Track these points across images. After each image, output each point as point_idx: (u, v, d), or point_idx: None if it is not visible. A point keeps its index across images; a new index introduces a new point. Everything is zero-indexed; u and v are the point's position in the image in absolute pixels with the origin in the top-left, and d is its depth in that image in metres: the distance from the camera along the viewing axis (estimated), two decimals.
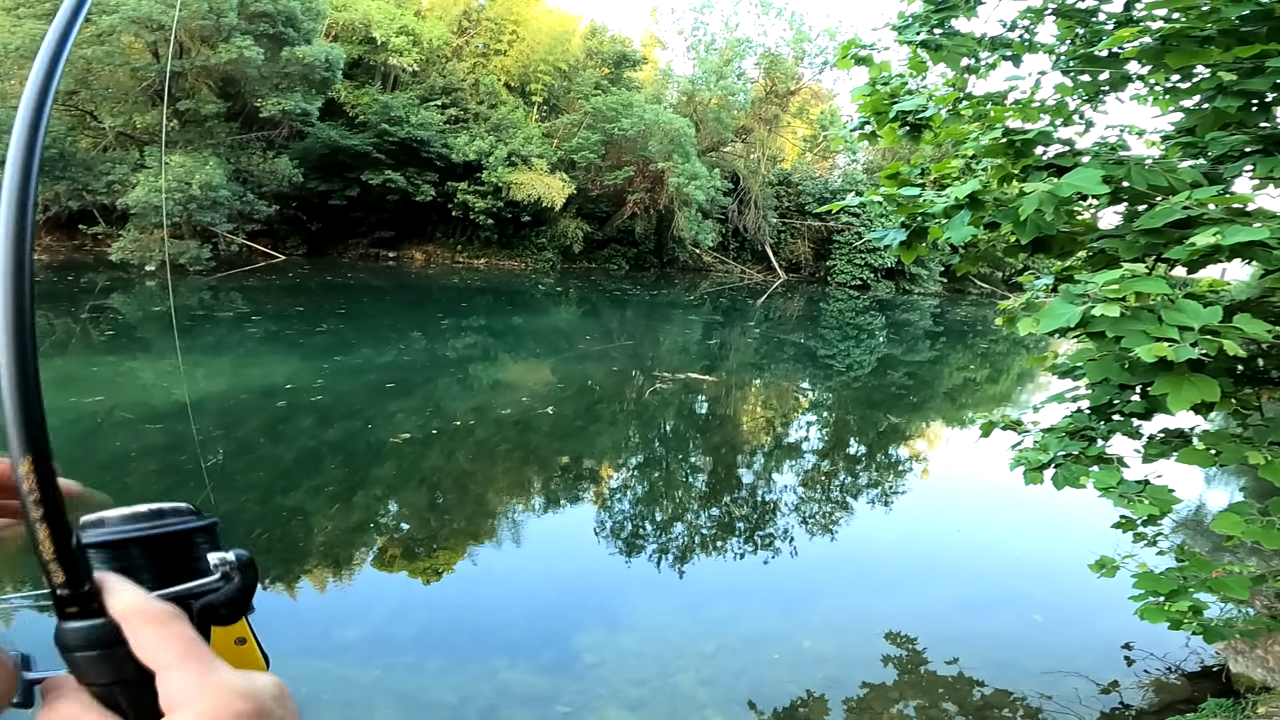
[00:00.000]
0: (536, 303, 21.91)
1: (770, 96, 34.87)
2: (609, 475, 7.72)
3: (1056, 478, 2.97)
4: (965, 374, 16.94)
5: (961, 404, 13.60)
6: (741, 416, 10.91)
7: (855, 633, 4.60)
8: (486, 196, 26.89)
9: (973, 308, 33.32)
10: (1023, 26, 4.43)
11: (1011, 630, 4.79)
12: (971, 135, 3.71)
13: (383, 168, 25.46)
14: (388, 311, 17.46)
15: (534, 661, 4.05)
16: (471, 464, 7.62)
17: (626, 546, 5.87)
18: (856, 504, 7.47)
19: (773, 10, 34.46)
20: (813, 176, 38.06)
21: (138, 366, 10.24)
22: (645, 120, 28.19)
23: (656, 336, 18.26)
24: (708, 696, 3.81)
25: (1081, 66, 3.96)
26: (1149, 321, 2.17)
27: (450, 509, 6.36)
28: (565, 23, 33.77)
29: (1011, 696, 3.92)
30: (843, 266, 35.05)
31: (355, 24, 26.94)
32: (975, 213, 3.04)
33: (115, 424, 7.65)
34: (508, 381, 11.82)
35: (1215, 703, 3.36)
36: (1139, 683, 4.06)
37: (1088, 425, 3.32)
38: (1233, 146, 3.11)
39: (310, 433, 7.94)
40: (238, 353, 11.37)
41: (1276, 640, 3.34)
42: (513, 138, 27.69)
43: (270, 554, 5.15)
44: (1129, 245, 2.86)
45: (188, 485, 6.16)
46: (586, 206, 30.90)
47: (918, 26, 3.77)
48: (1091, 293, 2.22)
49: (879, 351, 18.76)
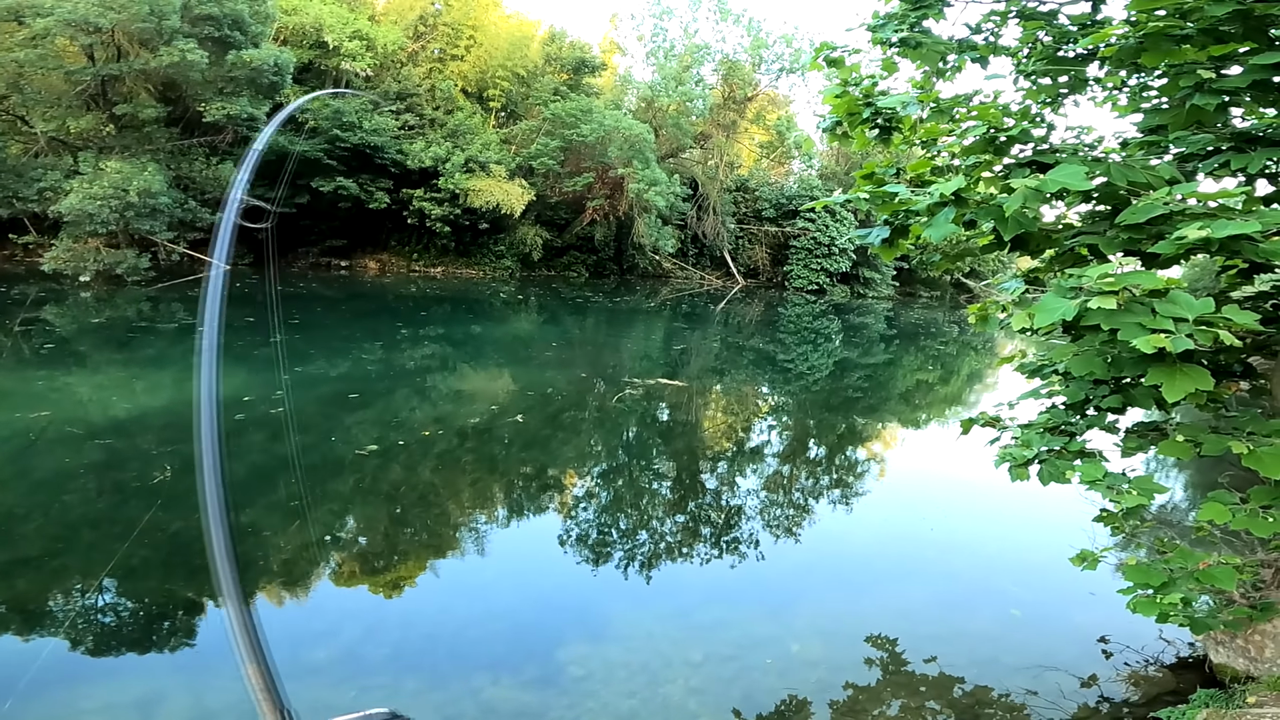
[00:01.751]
0: (496, 311, 21.60)
1: (728, 102, 35.23)
2: (582, 483, 7.59)
3: (1042, 473, 2.98)
4: (919, 375, 17.32)
5: (918, 404, 13.87)
6: (711, 421, 10.89)
7: (842, 635, 4.56)
8: (443, 204, 26.44)
9: (924, 311, 34.23)
10: (988, 30, 4.52)
11: (990, 627, 4.83)
12: (948, 135, 3.74)
13: (334, 174, 24.80)
14: (343, 322, 16.97)
15: (518, 677, 3.90)
16: (440, 476, 7.39)
17: (606, 555, 5.74)
18: (831, 505, 7.50)
19: (731, 17, 34.90)
20: (769, 182, 38.61)
21: (74, 381, 9.67)
22: (605, 126, 28.15)
23: (618, 343, 18.17)
24: (699, 705, 3.72)
25: (1046, 68, 4.04)
26: (1143, 314, 2.18)
27: (420, 523, 6.14)
28: (524, 28, 33.55)
29: (995, 693, 3.93)
30: (799, 271, 35.59)
31: (306, 28, 26.22)
32: (959, 210, 3.05)
33: (52, 441, 7.19)
34: (472, 391, 11.57)
35: (1205, 693, 3.41)
36: (1119, 675, 4.11)
37: (1065, 421, 3.37)
38: (1201, 145, 3.19)
39: (267, 447, 7.59)
40: (183, 365, 10.85)
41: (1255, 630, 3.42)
42: (470, 144, 27.32)
43: None
44: (1109, 241, 2.90)
45: (130, 502, 5.81)
46: (545, 214, 30.67)
47: (895, 25, 3.80)
48: (1086, 286, 2.22)
49: (837, 355, 19.04)
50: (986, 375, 17.30)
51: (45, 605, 4.40)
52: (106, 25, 17.15)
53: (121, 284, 18.12)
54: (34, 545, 5.07)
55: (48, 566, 4.81)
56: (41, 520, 5.49)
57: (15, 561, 4.82)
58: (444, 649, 4.25)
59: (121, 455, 6.81)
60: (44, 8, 17.00)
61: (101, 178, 17.67)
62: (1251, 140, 2.87)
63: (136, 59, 18.61)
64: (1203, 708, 3.20)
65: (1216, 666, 3.79)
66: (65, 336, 12.77)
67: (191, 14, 18.26)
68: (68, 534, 5.31)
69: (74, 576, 4.77)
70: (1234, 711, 3.16)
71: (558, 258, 32.38)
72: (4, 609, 4.33)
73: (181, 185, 20.44)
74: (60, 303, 15.82)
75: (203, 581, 4.82)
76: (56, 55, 18.38)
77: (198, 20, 18.44)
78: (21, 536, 5.18)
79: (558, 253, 32.27)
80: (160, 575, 4.87)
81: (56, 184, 18.44)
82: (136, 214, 17.84)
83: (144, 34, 17.85)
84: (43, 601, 4.44)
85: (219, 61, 19.23)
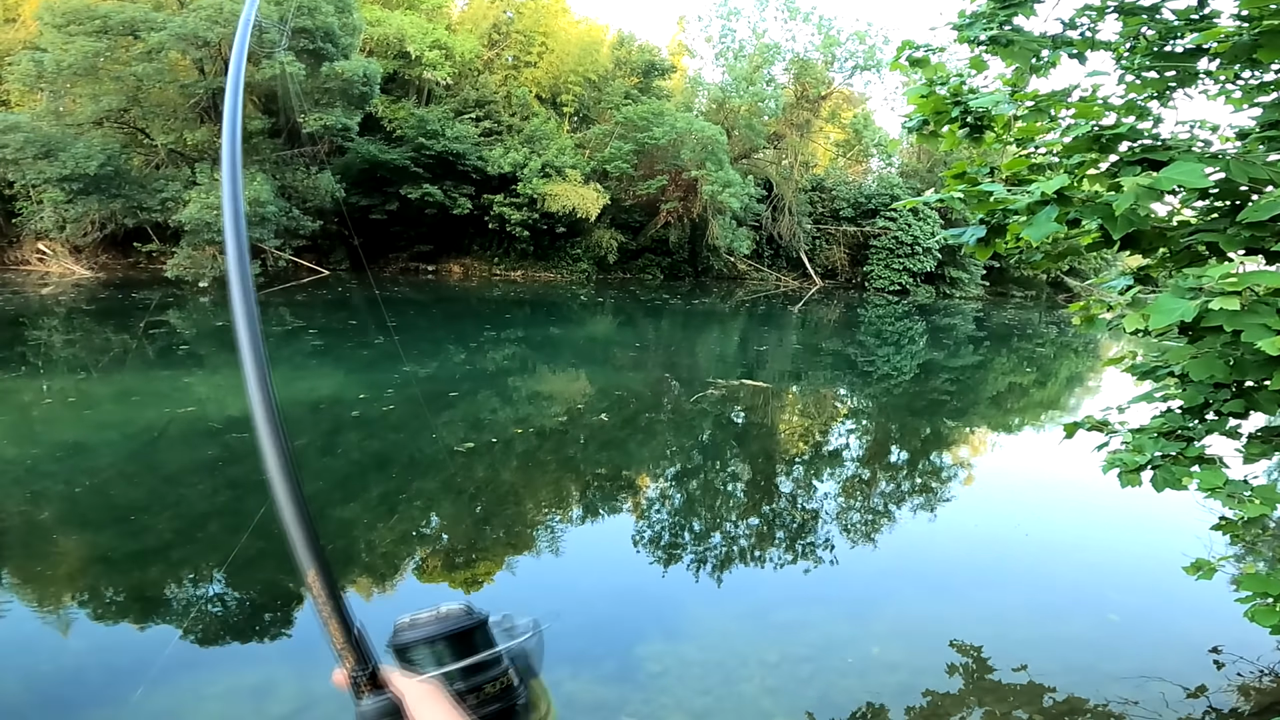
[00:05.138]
0: (575, 314, 22.03)
1: (801, 102, 34.67)
2: (660, 482, 7.69)
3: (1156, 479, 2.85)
4: (1012, 378, 16.54)
5: (1010, 408, 13.27)
6: (789, 424, 10.79)
7: (925, 638, 4.47)
8: (522, 208, 27.18)
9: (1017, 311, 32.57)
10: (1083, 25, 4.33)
11: (1086, 634, 4.61)
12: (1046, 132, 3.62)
13: (420, 181, 25.91)
14: (435, 324, 17.73)
15: (596, 671, 4.02)
16: (529, 473, 7.65)
17: (682, 553, 5.82)
18: (914, 509, 7.31)
19: (800, 15, 34.33)
20: (846, 181, 37.70)
21: (194, 380, 10.53)
22: (676, 129, 28.25)
23: (695, 346, 18.20)
24: (774, 705, 3.73)
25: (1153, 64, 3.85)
26: (1268, 314, 2.07)
27: (508, 517, 6.39)
28: (593, 33, 34.10)
29: (1091, 703, 3.76)
30: (880, 272, 34.58)
31: (390, 39, 27.50)
32: (1062, 209, 2.96)
33: (174, 438, 7.87)
34: (556, 391, 11.89)
35: None
36: (1229, 686, 3.86)
37: (1181, 425, 3.20)
38: None
39: (381, 441, 8.05)
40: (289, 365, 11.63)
41: None
42: (546, 149, 27.97)
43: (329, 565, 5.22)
44: (1230, 239, 2.75)
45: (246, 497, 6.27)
46: (620, 217, 31.03)
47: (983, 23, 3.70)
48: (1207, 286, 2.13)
49: (921, 357, 18.43)
50: (1088, 378, 16.37)
51: (171, 594, 4.77)
52: (214, 39, 18.46)
53: None
54: (161, 537, 5.47)
55: (173, 557, 5.22)
56: (167, 514, 5.91)
57: (144, 551, 5.23)
58: None
59: (237, 451, 7.36)
60: (157, 22, 18.46)
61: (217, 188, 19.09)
62: None
63: None
64: None
65: None
66: (186, 339, 13.92)
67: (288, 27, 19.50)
68: (190, 527, 5.72)
69: (196, 567, 5.14)
70: None
71: (633, 260, 32.70)
72: (136, 598, 4.69)
73: (286, 195, 21.85)
74: (181, 307, 17.22)
75: None
76: (171, 69, 19.77)
77: (294, 33, 19.65)
78: (149, 528, 5.58)
79: (633, 255, 32.58)
80: (273, 567, 5.24)
81: (177, 194, 19.99)
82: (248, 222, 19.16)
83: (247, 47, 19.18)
84: (169, 590, 4.81)
85: (314, 73, 20.41)
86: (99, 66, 18.69)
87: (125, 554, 5.19)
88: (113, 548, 5.28)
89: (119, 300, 17.85)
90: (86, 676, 3.91)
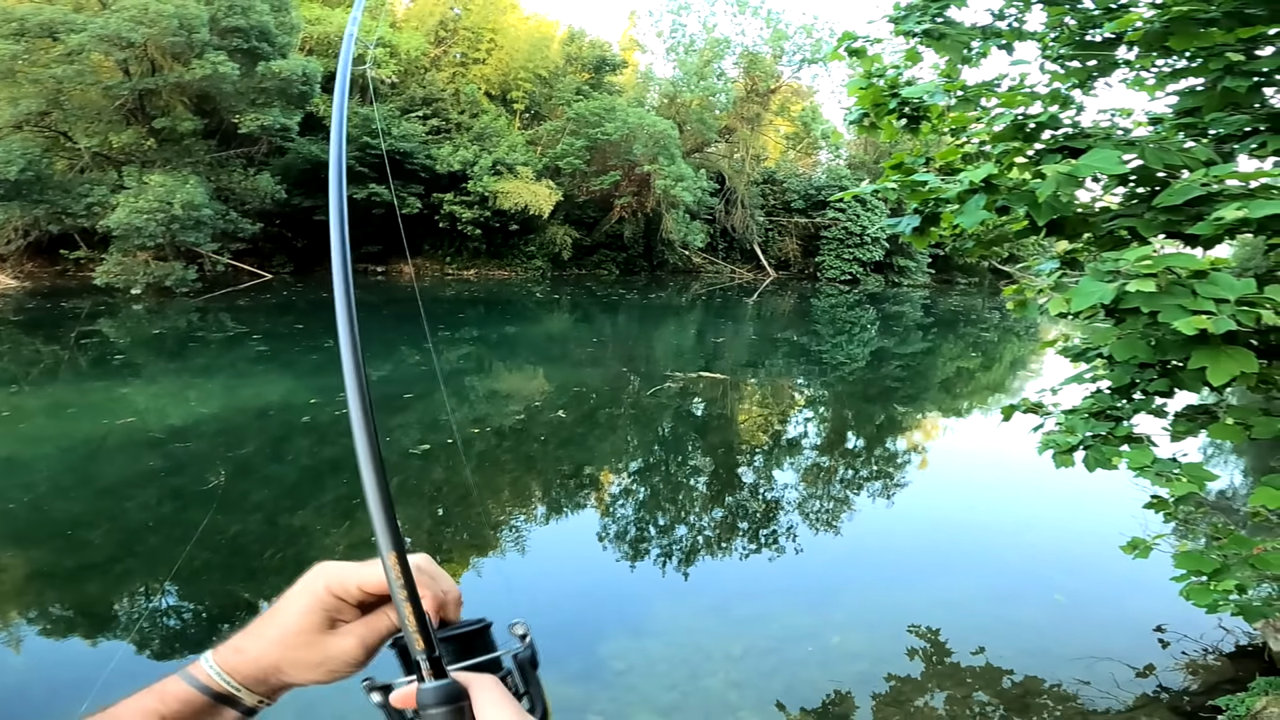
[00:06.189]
0: (530, 311, 21.84)
1: (751, 95, 35.00)
2: (620, 478, 7.69)
3: (1088, 459, 2.96)
4: (959, 363, 17.03)
5: (959, 393, 13.67)
6: (747, 415, 10.90)
7: (883, 625, 4.56)
8: (473, 207, 26.80)
9: (962, 297, 33.57)
10: (1011, 15, 4.46)
11: (1036, 617, 4.77)
12: (976, 122, 3.72)
13: (366, 181, 25.31)
14: (388, 325, 17.34)
15: (561, 671, 4.00)
16: (488, 474, 7.55)
17: (644, 550, 5.83)
18: (871, 497, 7.47)
19: (749, 9, 34.63)
20: (797, 174, 38.23)
21: (130, 391, 10.10)
22: (629, 124, 28.21)
23: (653, 340, 18.24)
24: (740, 698, 3.77)
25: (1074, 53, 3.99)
26: (1183, 295, 2.16)
27: (468, 519, 6.30)
28: (543, 29, 33.78)
29: (1047, 684, 3.88)
30: (832, 262, 35.20)
31: (330, 37, 26.77)
32: (990, 197, 3.04)
33: (112, 449, 7.54)
34: (513, 389, 11.76)
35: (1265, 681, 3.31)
36: (1176, 665, 4.02)
37: (1111, 405, 3.32)
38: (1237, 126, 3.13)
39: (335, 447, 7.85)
40: (231, 373, 11.24)
41: None
42: (496, 146, 27.63)
43: (281, 574, 5.08)
44: (1148, 223, 2.87)
45: (189, 508, 6.07)
46: (574, 213, 30.87)
47: (917, 16, 3.78)
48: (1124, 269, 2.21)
49: (873, 344, 18.83)
50: (1030, 361, 16.95)
51: (117, 608, 4.62)
52: (139, 40, 17.69)
53: (171, 296, 18.80)
54: (101, 550, 5.31)
55: (116, 570, 5.06)
56: (107, 526, 5.75)
57: (85, 566, 5.06)
58: None
59: (179, 462, 7.11)
60: (77, 24, 17.62)
61: (146, 191, 18.32)
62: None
63: (170, 72, 19.22)
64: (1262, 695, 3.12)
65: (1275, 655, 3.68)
66: (121, 348, 13.32)
67: (219, 26, 18.78)
68: (132, 539, 5.56)
69: (141, 579, 5.00)
70: None
71: (588, 256, 32.57)
72: (81, 613, 4.55)
73: (222, 197, 21.08)
74: (114, 315, 16.48)
75: (261, 581, 5.03)
76: (93, 71, 18.89)
77: (226, 32, 18.94)
78: (89, 542, 5.42)
79: (588, 251, 32.45)
80: (221, 577, 5.09)
81: (104, 199, 19.11)
82: (181, 226, 18.45)
83: (175, 47, 18.42)
84: (114, 604, 4.66)
85: (249, 73, 19.75)
86: (16, 70, 17.77)
87: (67, 569, 5.00)
88: (53, 564, 5.07)
89: (48, 310, 16.99)
90: (29, 692, 3.77)
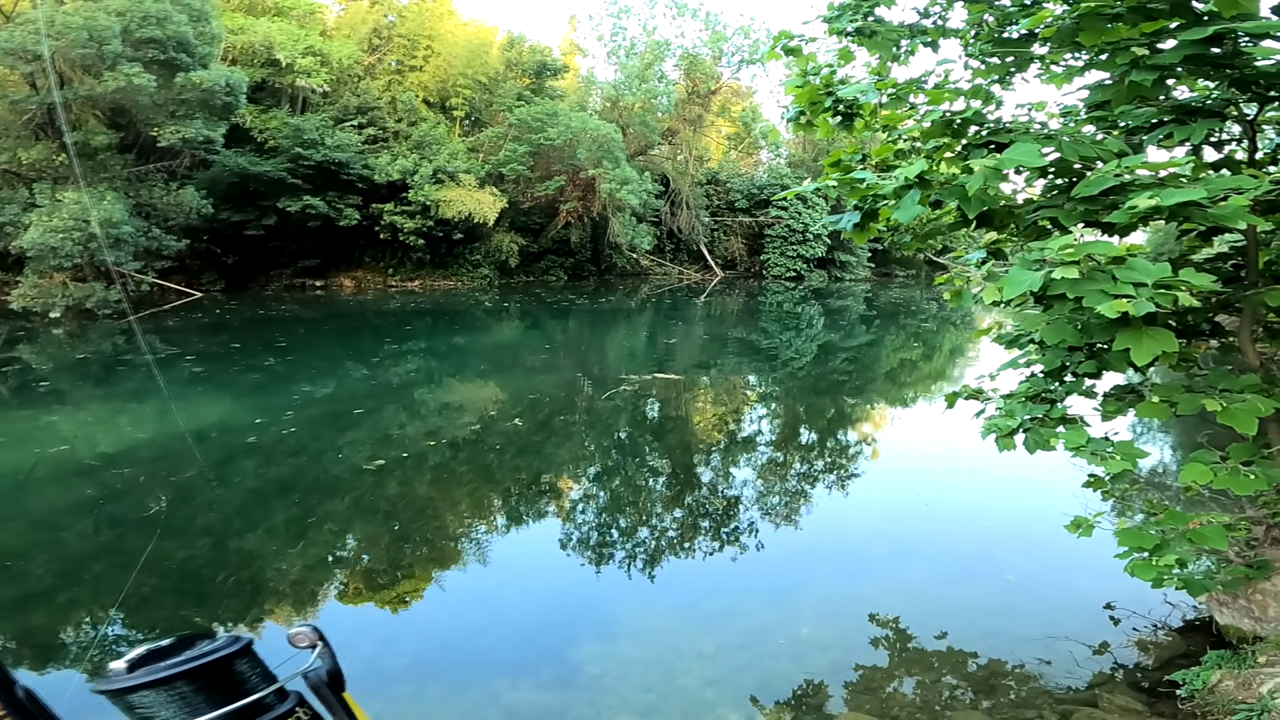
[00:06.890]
0: (479, 320, 21.55)
1: (692, 97, 35.38)
2: (580, 484, 7.65)
3: (1028, 442, 3.09)
4: (902, 354, 17.56)
5: (904, 383, 14.09)
6: (702, 414, 11.00)
7: (848, 615, 4.64)
8: (415, 216, 26.31)
9: (901, 290, 34.64)
10: (935, 13, 4.65)
11: (991, 600, 4.91)
12: (907, 119, 3.86)
13: (300, 193, 24.57)
14: (328, 341, 16.86)
15: (536, 679, 3.96)
16: (445, 486, 7.41)
17: (610, 553, 5.81)
18: (826, 489, 7.62)
19: (688, 11, 35.06)
20: (739, 174, 38.84)
21: (57, 419, 9.56)
22: (572, 128, 28.15)
23: (604, 344, 18.23)
24: (717, 695, 3.79)
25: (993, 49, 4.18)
26: (1104, 281, 2.29)
27: (430, 533, 6.17)
28: (482, 35, 33.41)
29: (1009, 665, 3.98)
30: (776, 260, 35.86)
31: (256, 46, 25.89)
32: (923, 192, 3.16)
33: (43, 479, 7.15)
34: (466, 400, 11.58)
35: (1216, 655, 3.44)
36: (1129, 641, 4.15)
37: (1045, 389, 3.49)
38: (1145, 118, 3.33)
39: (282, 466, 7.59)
40: (164, 396, 10.76)
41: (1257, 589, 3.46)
42: (437, 154, 27.18)
43: (237, 597, 4.89)
44: (1068, 213, 3.03)
45: (130, 535, 5.79)
46: (519, 219, 30.62)
47: (849, 15, 3.91)
48: (1049, 258, 2.33)
49: (820, 339, 19.25)
50: (968, 349, 17.60)
51: (62, 638, 4.40)
52: (45, 53, 16.82)
53: (93, 318, 17.86)
54: (41, 581, 5.06)
55: (57, 601, 4.81)
56: (45, 557, 5.47)
57: (26, 597, 4.81)
58: (460, 656, 4.30)
59: (114, 489, 6.77)
60: None
61: (60, 209, 17.36)
62: (1192, 112, 3.01)
63: (81, 85, 18.29)
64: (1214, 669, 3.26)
65: (1224, 628, 3.81)
66: (44, 375, 12.60)
67: (133, 38, 17.93)
68: (73, 569, 5.31)
69: (86, 609, 4.77)
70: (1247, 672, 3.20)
71: (535, 263, 32.35)
72: (22, 643, 4.33)
73: (143, 213, 20.10)
74: (33, 341, 15.57)
75: (213, 606, 4.83)
76: None
77: (140, 44, 18.09)
78: (27, 574, 5.16)
79: (535, 258, 32.24)
80: (173, 603, 4.88)
81: (15, 218, 18.04)
82: (100, 245, 17.56)
83: (85, 60, 17.54)
84: (59, 634, 4.43)
85: (168, 84, 18.95)
86: None
87: (8, 600, 4.75)
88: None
89: None
90: None
